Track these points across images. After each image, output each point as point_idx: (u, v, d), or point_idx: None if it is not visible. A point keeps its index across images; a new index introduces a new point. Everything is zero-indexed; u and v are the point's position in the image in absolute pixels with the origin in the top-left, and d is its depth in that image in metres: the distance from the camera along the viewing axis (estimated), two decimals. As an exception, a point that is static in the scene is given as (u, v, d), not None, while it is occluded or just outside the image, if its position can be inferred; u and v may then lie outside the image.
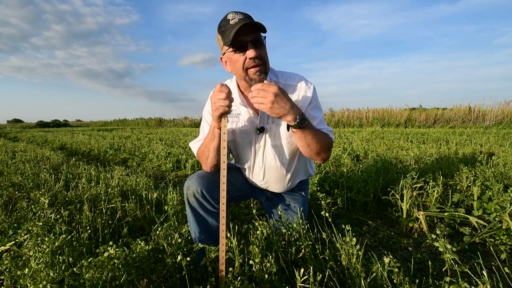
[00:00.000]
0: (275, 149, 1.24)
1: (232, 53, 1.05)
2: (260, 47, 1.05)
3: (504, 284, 1.11)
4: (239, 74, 1.10)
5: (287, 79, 1.21)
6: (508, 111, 10.61)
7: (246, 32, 1.01)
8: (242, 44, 1.02)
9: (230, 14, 1.02)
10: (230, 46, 1.03)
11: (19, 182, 2.41)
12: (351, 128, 12.62)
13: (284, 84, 1.19)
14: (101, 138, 8.00)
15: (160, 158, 4.04)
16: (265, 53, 1.09)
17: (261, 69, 1.07)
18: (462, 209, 1.71)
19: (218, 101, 1.00)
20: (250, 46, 1.02)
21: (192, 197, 1.20)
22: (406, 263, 1.38)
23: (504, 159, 2.81)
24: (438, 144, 4.89)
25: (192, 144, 1.32)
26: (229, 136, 1.23)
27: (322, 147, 1.09)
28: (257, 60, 1.04)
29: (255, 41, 1.03)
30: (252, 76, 1.07)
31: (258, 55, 1.04)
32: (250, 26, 1.00)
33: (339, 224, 1.81)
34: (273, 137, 1.22)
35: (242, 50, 1.03)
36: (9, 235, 1.40)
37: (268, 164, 1.27)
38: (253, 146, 1.25)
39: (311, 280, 0.90)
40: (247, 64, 1.05)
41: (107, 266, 0.97)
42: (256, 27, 1.02)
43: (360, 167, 2.93)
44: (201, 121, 1.34)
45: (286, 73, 1.23)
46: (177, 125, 23.62)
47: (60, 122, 34.09)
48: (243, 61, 1.05)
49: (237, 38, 1.00)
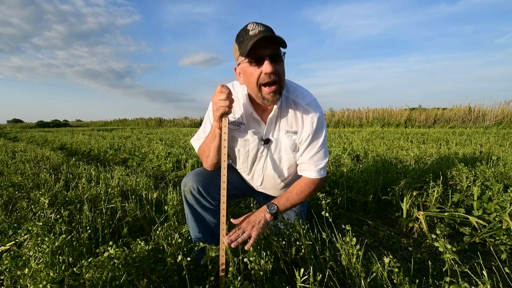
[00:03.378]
0: (276, 161, 1.24)
1: (248, 65, 1.00)
2: (278, 62, 1.00)
3: (504, 284, 1.11)
4: (252, 89, 1.05)
5: (297, 97, 1.15)
6: (508, 111, 10.61)
7: (265, 45, 0.95)
8: (259, 57, 0.97)
9: (251, 25, 0.97)
10: (246, 57, 0.98)
11: (19, 182, 2.40)
12: (351, 128, 12.62)
13: (294, 101, 1.15)
14: (101, 138, 8.00)
15: (160, 158, 4.04)
16: (283, 70, 1.03)
17: (276, 89, 1.02)
18: (462, 209, 1.71)
19: (219, 101, 1.00)
20: (267, 60, 0.96)
21: (189, 194, 1.21)
22: (406, 263, 1.38)
23: (504, 159, 2.81)
24: (438, 144, 4.89)
25: (193, 141, 1.32)
26: (229, 142, 1.23)
27: (306, 197, 1.20)
28: (273, 76, 0.99)
29: (273, 55, 0.97)
30: (266, 95, 1.03)
31: (274, 71, 0.98)
32: (270, 39, 0.95)
33: (339, 224, 1.81)
34: (276, 149, 1.22)
35: (259, 63, 0.98)
36: (9, 235, 1.40)
37: (267, 173, 1.28)
38: (255, 154, 1.24)
39: (311, 280, 0.90)
40: (261, 80, 1.00)
41: (107, 266, 0.97)
42: (277, 41, 0.96)
43: (360, 167, 2.93)
44: (201, 121, 1.34)
45: (298, 89, 1.18)
46: (177, 125, 23.62)
47: (60, 122, 34.09)
48: (257, 76, 0.99)
49: (254, 50, 0.94)
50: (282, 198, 1.15)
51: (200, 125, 1.32)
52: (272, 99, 1.03)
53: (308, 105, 1.15)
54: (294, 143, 1.19)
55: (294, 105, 1.16)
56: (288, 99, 1.16)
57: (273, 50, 0.97)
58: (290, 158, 1.22)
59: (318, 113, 1.15)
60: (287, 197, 1.15)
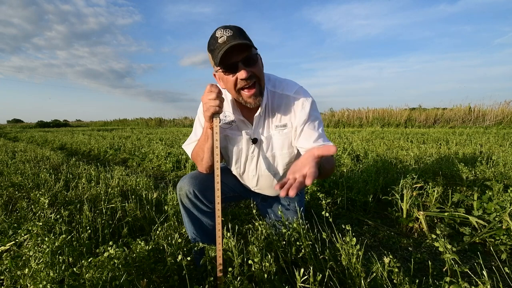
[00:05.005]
0: (270, 159, 1.23)
1: (223, 73, 1.00)
2: (252, 65, 0.99)
3: (504, 284, 1.11)
4: (233, 94, 1.06)
5: (284, 89, 1.15)
6: (508, 111, 10.60)
7: (235, 52, 0.94)
8: (232, 65, 0.96)
9: (219, 31, 0.95)
10: (219, 67, 0.98)
11: (19, 182, 2.40)
12: (351, 128, 12.62)
13: (281, 94, 1.15)
14: (101, 138, 8.00)
15: (160, 158, 4.04)
16: (259, 70, 1.02)
17: (256, 91, 1.02)
18: (462, 209, 1.71)
19: (209, 101, 1.00)
20: (241, 67, 0.96)
21: (185, 198, 1.19)
22: (406, 263, 1.38)
23: (504, 159, 2.81)
24: (438, 144, 4.89)
25: (185, 146, 1.29)
26: (222, 142, 1.22)
27: (330, 171, 1.07)
28: (249, 80, 0.99)
29: (246, 59, 0.96)
30: (247, 99, 1.03)
31: (250, 75, 0.98)
32: (238, 47, 0.94)
33: (339, 224, 1.81)
34: (267, 148, 1.21)
35: (233, 70, 0.98)
36: (9, 235, 1.40)
37: (262, 172, 1.26)
38: (246, 155, 1.23)
39: (311, 280, 0.90)
40: (239, 85, 1.00)
41: (107, 266, 0.97)
42: (245, 45, 0.95)
43: (360, 167, 2.93)
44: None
45: (284, 82, 1.17)
46: (177, 125, 23.62)
47: (60, 122, 34.09)
48: (234, 82, 1.00)
49: (226, 58, 0.94)
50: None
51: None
52: (254, 101, 1.04)
53: (296, 93, 1.14)
54: (287, 137, 1.17)
55: (282, 97, 1.14)
56: (274, 94, 1.15)
57: (245, 55, 0.96)
58: (284, 154, 1.20)
59: (308, 97, 1.14)
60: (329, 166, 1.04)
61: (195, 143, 1.22)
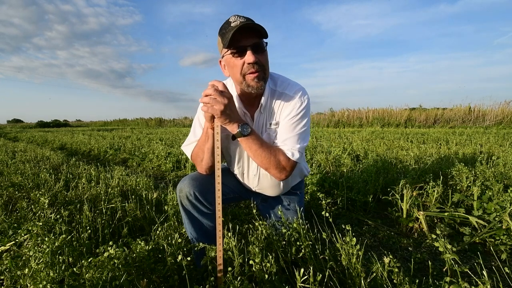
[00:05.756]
0: None
1: (230, 56, 1.02)
2: (260, 53, 1.01)
3: (504, 284, 1.11)
4: (237, 79, 1.06)
5: (285, 88, 1.16)
6: (508, 111, 10.60)
7: (246, 36, 0.98)
8: (241, 48, 0.99)
9: (233, 17, 0.99)
10: (229, 49, 1.00)
11: (19, 182, 2.40)
12: (351, 128, 12.62)
13: (281, 92, 1.16)
14: (101, 138, 8.00)
15: (160, 158, 4.04)
16: (266, 60, 1.05)
17: (259, 75, 1.03)
18: (462, 209, 1.71)
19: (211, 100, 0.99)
20: (249, 50, 0.98)
21: (186, 200, 1.19)
22: (406, 263, 1.38)
23: (504, 159, 2.81)
24: (438, 144, 4.89)
25: (184, 147, 1.29)
26: (223, 142, 1.22)
27: (269, 163, 1.08)
28: (256, 66, 1.01)
29: (255, 46, 0.99)
30: (250, 82, 1.04)
31: (257, 61, 1.00)
32: (251, 30, 0.97)
33: (339, 224, 1.81)
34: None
35: (241, 54, 1.00)
36: (9, 235, 1.40)
37: (262, 171, 1.26)
38: (247, 154, 1.22)
39: (311, 280, 0.90)
40: (245, 70, 1.02)
41: (107, 266, 0.97)
42: (257, 31, 0.98)
43: (360, 167, 2.93)
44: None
45: (286, 81, 1.19)
46: (177, 125, 23.62)
47: (60, 122, 34.11)
48: (241, 66, 1.01)
49: (236, 41, 0.97)
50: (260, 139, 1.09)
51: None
52: (257, 85, 1.04)
53: (295, 92, 1.15)
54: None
55: (281, 96, 1.15)
56: (275, 92, 1.16)
57: (255, 41, 0.99)
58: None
59: (303, 99, 1.14)
60: (262, 142, 1.08)
61: (194, 143, 1.22)
